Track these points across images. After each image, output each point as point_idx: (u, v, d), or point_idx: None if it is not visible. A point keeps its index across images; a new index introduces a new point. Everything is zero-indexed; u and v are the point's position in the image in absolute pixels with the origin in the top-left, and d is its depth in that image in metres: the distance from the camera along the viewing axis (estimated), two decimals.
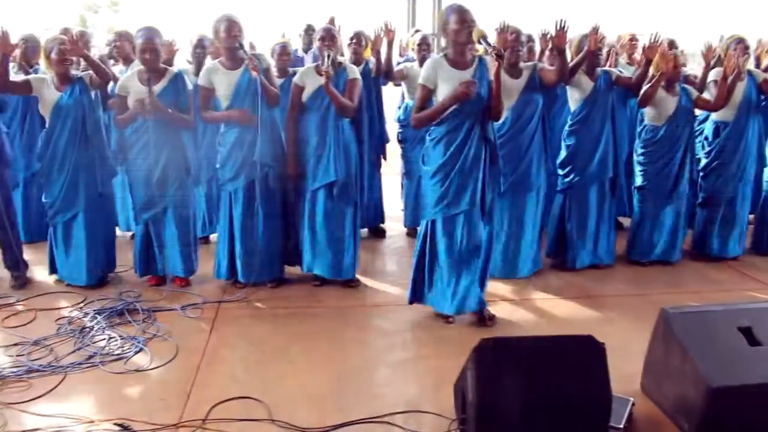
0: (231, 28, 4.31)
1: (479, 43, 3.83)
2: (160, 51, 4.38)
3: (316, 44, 4.55)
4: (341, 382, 3.36)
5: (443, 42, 4.05)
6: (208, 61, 4.96)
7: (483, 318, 4.06)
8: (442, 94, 3.84)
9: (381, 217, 6.00)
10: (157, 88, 4.31)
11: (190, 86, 4.54)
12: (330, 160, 4.45)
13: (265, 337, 3.89)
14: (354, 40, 5.42)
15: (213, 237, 5.50)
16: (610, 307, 4.44)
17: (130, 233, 5.50)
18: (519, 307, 4.45)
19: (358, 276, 4.75)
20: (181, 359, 3.58)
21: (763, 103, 5.49)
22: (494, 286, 4.69)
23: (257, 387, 3.27)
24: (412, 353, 3.77)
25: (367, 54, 5.62)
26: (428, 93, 3.89)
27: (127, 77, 4.48)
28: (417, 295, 4.14)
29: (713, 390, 2.70)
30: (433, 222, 3.98)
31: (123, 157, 4.67)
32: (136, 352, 3.63)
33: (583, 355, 2.58)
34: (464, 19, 3.77)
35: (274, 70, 5.00)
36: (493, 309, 4.24)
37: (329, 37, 4.47)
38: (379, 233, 5.89)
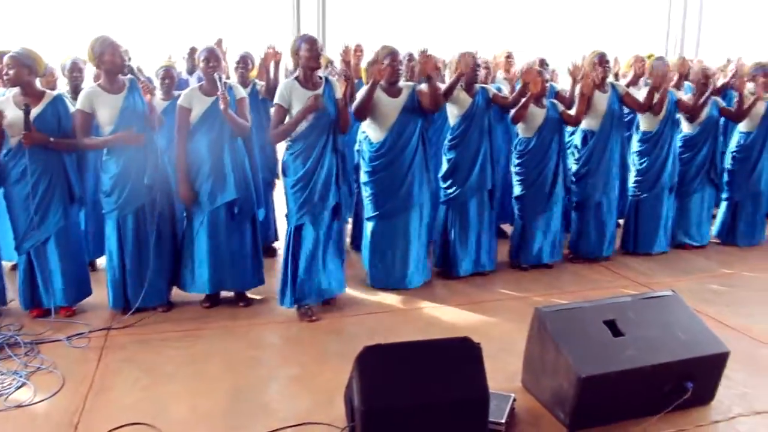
0: (209, 59, 4.36)
1: (320, 78, 4.43)
2: (28, 70, 4.19)
3: (200, 65, 4.52)
4: (233, 400, 3.37)
5: (290, 66, 4.57)
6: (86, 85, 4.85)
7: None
8: (296, 112, 4.34)
9: (273, 236, 6.03)
10: (35, 112, 4.17)
11: (71, 108, 4.41)
12: (228, 178, 4.45)
13: (155, 362, 3.84)
14: (241, 64, 5.51)
15: (99, 262, 5.35)
16: (493, 311, 4.65)
17: (11, 264, 5.24)
18: (407, 316, 4.59)
19: (249, 294, 4.77)
20: (67, 390, 3.47)
21: (627, 116, 5.97)
22: (384, 297, 4.88)
23: (148, 412, 3.23)
24: (304, 368, 3.81)
25: (253, 74, 5.68)
26: (284, 112, 4.38)
27: (1, 101, 4.31)
28: (287, 295, 4.52)
29: (582, 379, 2.92)
30: (297, 227, 4.45)
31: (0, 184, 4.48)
32: (18, 388, 3.48)
33: (461, 356, 2.73)
34: (313, 48, 4.34)
35: (159, 93, 4.98)
36: (382, 318, 4.40)
37: (213, 59, 4.42)
38: (270, 252, 5.90)
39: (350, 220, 5.99)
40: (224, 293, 4.74)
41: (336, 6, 7.81)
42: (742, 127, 6.21)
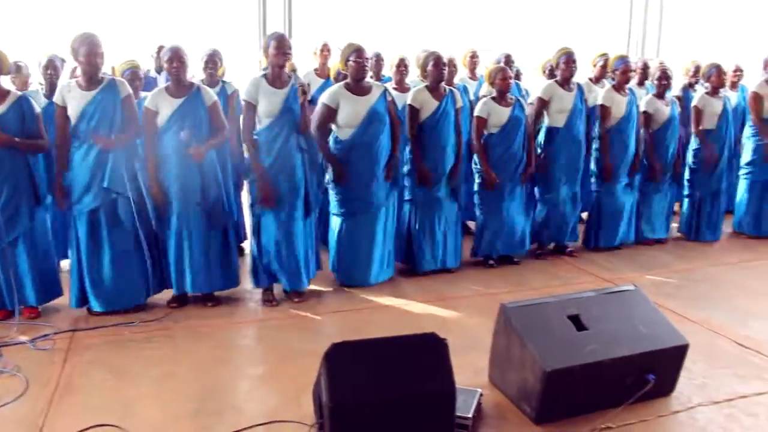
0: (172, 59, 4.34)
1: (289, 77, 4.53)
2: None
3: (164, 65, 4.46)
4: (201, 400, 3.37)
5: (263, 63, 4.67)
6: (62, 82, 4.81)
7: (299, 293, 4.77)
8: (262, 109, 4.45)
9: (243, 236, 6.00)
10: None
11: (37, 109, 4.36)
12: (196, 181, 4.43)
13: (122, 363, 3.81)
14: (209, 64, 5.46)
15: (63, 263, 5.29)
16: (460, 307, 4.70)
17: None
18: (375, 313, 4.61)
19: (217, 294, 4.76)
20: (31, 393, 3.43)
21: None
22: (352, 294, 4.93)
23: (115, 413, 3.21)
24: (272, 366, 3.82)
25: (220, 72, 5.65)
26: (252, 108, 4.45)
27: None
28: (260, 280, 4.72)
29: (547, 373, 2.97)
30: (261, 217, 4.59)
31: None
32: None
33: (428, 352, 2.76)
34: (282, 46, 4.39)
35: None
36: (350, 315, 4.46)
37: (177, 59, 4.36)
38: (239, 252, 5.87)
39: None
40: (192, 293, 4.71)
41: (302, 4, 7.80)
42: (700, 126, 6.33)
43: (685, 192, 6.50)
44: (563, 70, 5.56)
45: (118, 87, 4.32)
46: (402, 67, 5.85)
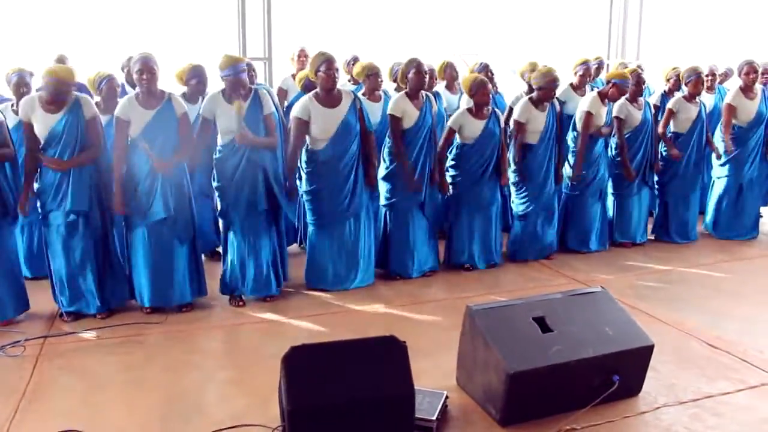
0: (142, 70, 4.29)
1: (251, 90, 4.57)
2: None
3: (134, 77, 4.38)
4: (169, 404, 3.37)
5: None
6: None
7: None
8: (219, 124, 4.54)
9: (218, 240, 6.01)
10: None
11: (1, 117, 4.36)
12: (160, 195, 4.41)
13: (93, 369, 3.81)
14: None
15: None
16: (434, 311, 4.71)
17: None
18: (348, 317, 4.61)
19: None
20: None
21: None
22: (325, 299, 4.94)
23: (82, 419, 3.21)
24: (242, 370, 3.82)
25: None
26: (208, 123, 4.55)
27: None
28: (230, 287, 4.79)
29: (511, 375, 2.98)
30: (230, 225, 4.69)
31: None
32: None
33: (387, 355, 2.77)
34: (236, 64, 4.44)
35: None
36: (322, 319, 4.48)
37: (147, 70, 4.30)
38: (215, 256, 5.88)
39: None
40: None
41: (282, 10, 7.82)
42: (673, 129, 6.39)
43: (658, 195, 6.54)
44: (546, 91, 5.53)
45: (83, 108, 4.29)
46: (374, 75, 5.82)
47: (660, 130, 6.32)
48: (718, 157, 6.44)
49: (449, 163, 5.50)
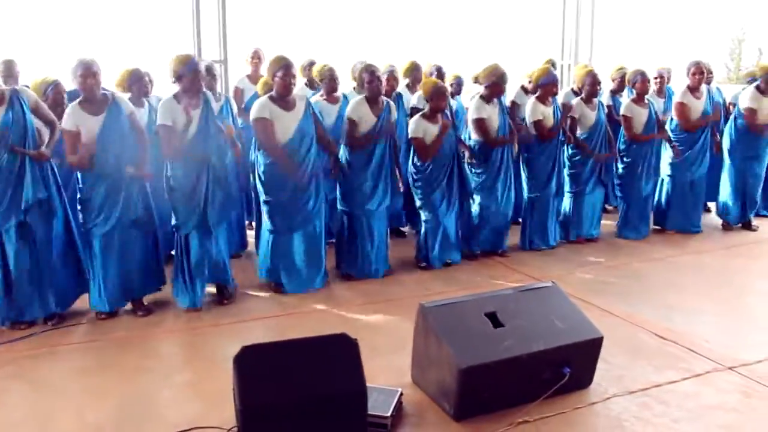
0: (85, 75, 4.24)
1: (206, 100, 4.52)
2: None
3: (77, 80, 4.28)
4: (123, 410, 3.34)
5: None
6: None
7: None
8: (178, 129, 4.44)
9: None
10: None
11: None
12: (132, 197, 4.43)
13: (45, 377, 3.75)
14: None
15: None
16: (392, 309, 4.74)
17: None
18: (306, 318, 4.62)
19: (145, 301, 4.75)
20: None
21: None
22: (283, 300, 4.97)
23: (32, 428, 3.17)
24: (198, 373, 3.80)
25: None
26: (168, 130, 4.43)
27: None
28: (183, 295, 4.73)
29: (462, 370, 3.03)
30: (186, 236, 4.65)
31: None
32: None
33: (339, 352, 2.79)
34: (196, 70, 4.39)
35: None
36: (279, 320, 4.51)
37: (91, 75, 4.25)
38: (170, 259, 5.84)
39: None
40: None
41: (237, 11, 7.79)
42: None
43: (618, 194, 6.72)
44: (493, 87, 5.65)
45: (21, 100, 4.22)
46: (331, 78, 5.85)
47: (627, 135, 6.47)
48: (677, 155, 6.59)
49: (412, 169, 5.55)
